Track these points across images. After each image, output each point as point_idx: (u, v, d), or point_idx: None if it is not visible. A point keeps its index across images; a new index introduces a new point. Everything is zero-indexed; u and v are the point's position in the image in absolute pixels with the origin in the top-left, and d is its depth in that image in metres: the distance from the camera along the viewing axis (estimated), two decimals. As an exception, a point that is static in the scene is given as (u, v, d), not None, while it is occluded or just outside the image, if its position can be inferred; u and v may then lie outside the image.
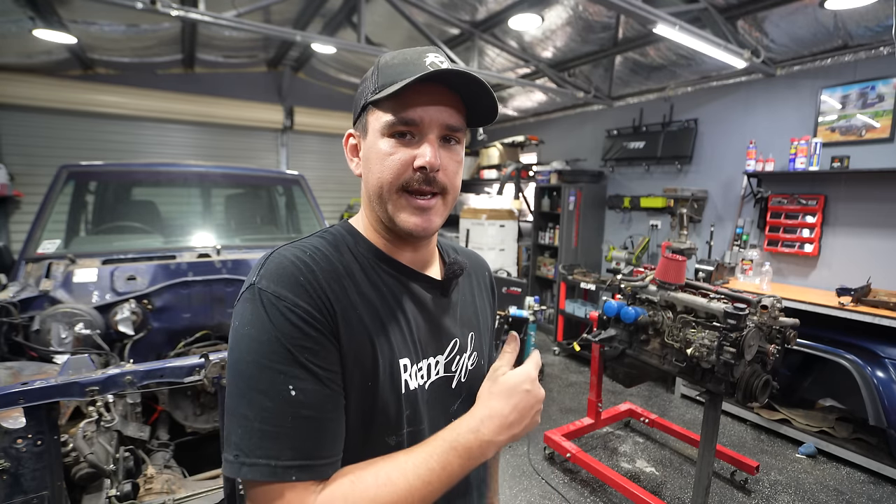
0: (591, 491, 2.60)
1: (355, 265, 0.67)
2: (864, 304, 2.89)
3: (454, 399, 0.74)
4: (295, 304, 0.57)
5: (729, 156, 4.13)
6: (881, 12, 2.90)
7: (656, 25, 2.96)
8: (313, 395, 0.56)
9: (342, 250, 0.67)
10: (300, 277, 0.59)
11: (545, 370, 4.29)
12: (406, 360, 0.66)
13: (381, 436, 0.63)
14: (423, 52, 0.65)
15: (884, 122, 3.21)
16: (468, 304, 0.80)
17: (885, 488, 2.69)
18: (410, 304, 0.69)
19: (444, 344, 0.73)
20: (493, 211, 5.58)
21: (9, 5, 3.33)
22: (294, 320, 0.56)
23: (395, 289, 0.69)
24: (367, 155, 0.66)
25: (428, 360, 0.70)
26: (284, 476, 0.52)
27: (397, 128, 0.62)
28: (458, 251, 0.85)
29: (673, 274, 2.25)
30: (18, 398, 1.11)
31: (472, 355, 0.77)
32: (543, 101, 5.85)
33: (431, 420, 0.70)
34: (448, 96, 0.64)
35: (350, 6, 4.19)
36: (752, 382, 1.91)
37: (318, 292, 0.59)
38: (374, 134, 0.64)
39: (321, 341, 0.58)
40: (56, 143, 5.16)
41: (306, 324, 0.57)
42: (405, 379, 0.65)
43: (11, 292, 1.89)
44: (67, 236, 2.59)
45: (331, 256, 0.65)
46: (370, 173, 0.65)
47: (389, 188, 0.63)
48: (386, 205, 0.65)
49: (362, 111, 0.67)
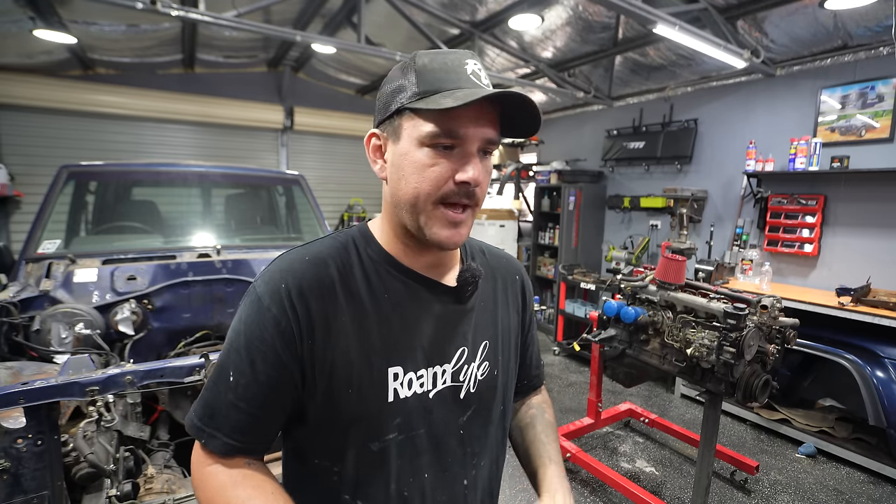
0: (591, 491, 2.60)
1: (359, 270, 0.68)
2: (863, 303, 2.89)
3: (463, 410, 0.73)
4: (267, 309, 0.62)
5: (729, 156, 4.13)
6: (881, 12, 2.90)
7: (656, 25, 2.96)
8: (245, 389, 0.62)
9: (350, 253, 0.69)
10: (282, 285, 0.63)
11: (545, 370, 4.28)
12: (398, 367, 0.66)
13: (363, 441, 0.65)
14: (462, 57, 0.64)
15: (883, 122, 3.21)
16: (486, 311, 0.78)
17: (885, 488, 2.69)
18: (416, 312, 0.69)
19: (452, 352, 0.71)
20: (493, 211, 5.58)
21: (9, 5, 3.33)
22: (260, 322, 0.63)
23: (400, 295, 0.68)
24: (400, 162, 0.64)
25: (433, 368, 0.69)
26: (199, 435, 0.64)
27: (441, 140, 0.61)
28: (486, 253, 0.84)
29: (673, 274, 2.25)
30: (19, 398, 1.11)
31: (483, 365, 0.75)
32: (543, 101, 5.85)
33: (434, 429, 0.69)
34: (490, 110, 0.63)
35: (350, 6, 4.19)
36: (752, 382, 1.92)
37: (294, 301, 0.63)
38: (411, 142, 0.62)
39: (275, 348, 0.62)
40: (56, 143, 5.16)
41: (268, 329, 0.62)
42: (394, 387, 0.66)
43: (12, 292, 1.89)
44: (67, 236, 2.59)
45: (330, 262, 0.66)
46: (403, 182, 0.63)
47: (426, 199, 0.63)
48: (419, 215, 0.64)
49: (395, 114, 0.64)
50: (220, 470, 0.64)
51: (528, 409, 0.92)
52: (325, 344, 0.63)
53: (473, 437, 0.74)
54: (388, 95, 0.65)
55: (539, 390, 0.97)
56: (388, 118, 0.65)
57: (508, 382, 0.81)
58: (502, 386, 0.79)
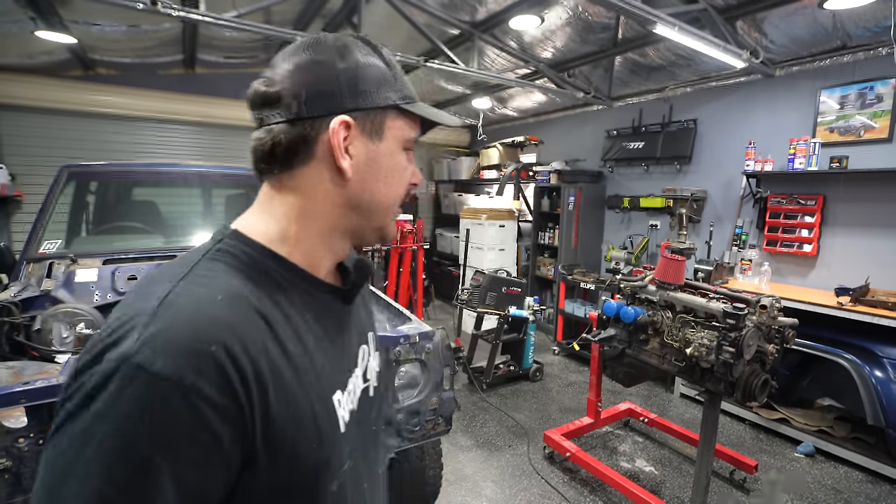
0: (591, 490, 2.61)
1: (280, 295, 0.53)
2: (862, 303, 2.90)
3: (374, 406, 0.70)
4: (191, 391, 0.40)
5: (728, 156, 4.14)
6: (880, 13, 2.91)
7: (656, 26, 2.97)
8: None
9: (259, 281, 0.52)
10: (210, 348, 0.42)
11: (545, 370, 4.29)
12: (338, 391, 0.58)
13: (325, 486, 0.54)
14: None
15: (882, 122, 3.22)
16: (361, 302, 0.74)
17: (883, 487, 2.70)
18: (330, 324, 0.61)
19: (357, 354, 0.67)
20: (493, 211, 5.59)
21: (10, 6, 3.34)
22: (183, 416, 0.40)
23: (316, 311, 0.58)
24: (383, 163, 0.59)
25: (352, 378, 0.64)
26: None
27: (411, 145, 0.63)
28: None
29: (672, 274, 2.26)
30: (20, 398, 1.11)
31: (376, 355, 0.74)
32: (543, 102, 5.85)
33: (362, 438, 0.64)
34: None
35: (350, 6, 4.20)
36: (751, 382, 1.92)
37: (240, 366, 0.44)
38: (395, 143, 0.60)
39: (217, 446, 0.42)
40: (57, 144, 5.16)
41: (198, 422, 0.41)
42: (341, 415, 0.57)
43: (13, 292, 1.90)
44: (68, 236, 2.60)
45: (249, 296, 0.49)
46: (383, 184, 0.60)
47: (399, 202, 0.64)
48: (389, 216, 0.63)
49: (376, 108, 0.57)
50: None
51: None
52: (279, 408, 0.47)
53: (380, 427, 0.73)
54: (371, 83, 0.56)
55: None
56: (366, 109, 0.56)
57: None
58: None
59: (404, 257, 5.38)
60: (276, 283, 0.54)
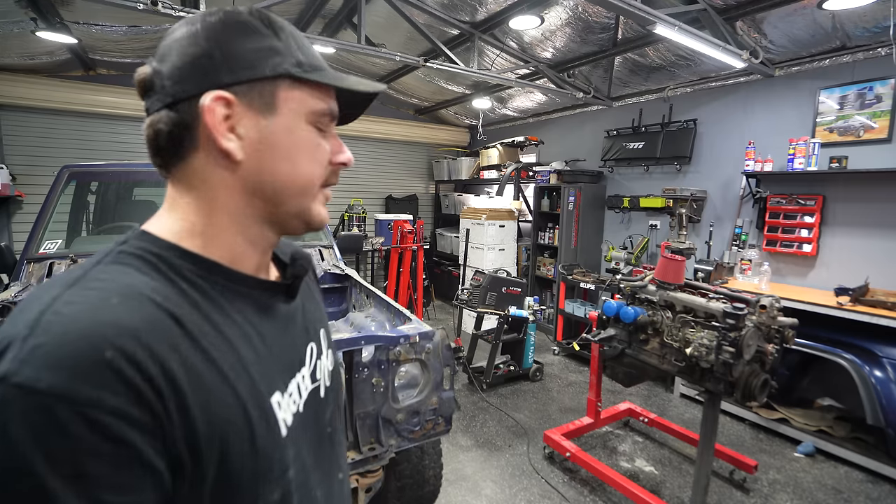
0: (591, 490, 2.61)
1: (189, 297, 0.48)
2: (862, 303, 2.90)
3: (326, 408, 0.66)
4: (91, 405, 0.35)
5: (728, 156, 4.14)
6: (879, 13, 2.91)
7: (655, 26, 2.97)
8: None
9: (169, 278, 0.47)
10: (105, 354, 0.37)
11: (545, 369, 4.30)
12: (277, 393, 0.53)
13: (265, 496, 0.49)
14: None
15: (882, 122, 3.22)
16: (310, 298, 0.71)
17: (883, 487, 2.70)
18: (264, 323, 0.56)
19: (304, 353, 0.63)
20: (493, 211, 5.59)
21: (10, 6, 3.34)
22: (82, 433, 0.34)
23: (242, 310, 0.53)
24: (282, 141, 0.52)
25: (295, 378, 0.58)
26: None
27: (324, 119, 0.55)
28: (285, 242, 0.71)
29: (672, 274, 2.26)
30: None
31: (327, 353, 0.70)
32: (543, 102, 5.86)
33: (312, 442, 0.60)
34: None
35: (350, 7, 4.20)
36: (751, 382, 1.93)
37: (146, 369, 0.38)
38: (295, 117, 0.53)
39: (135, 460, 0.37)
40: (57, 144, 5.17)
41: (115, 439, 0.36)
42: (283, 417, 0.52)
43: (13, 292, 1.90)
44: (69, 236, 2.61)
45: (152, 294, 0.44)
46: (289, 164, 0.53)
47: (316, 183, 0.56)
48: (308, 201, 0.56)
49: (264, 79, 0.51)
50: None
51: None
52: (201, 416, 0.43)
53: (336, 429, 0.69)
54: (254, 53, 0.50)
55: None
56: (250, 81, 0.50)
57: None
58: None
59: (404, 257, 5.38)
60: (189, 282, 0.49)
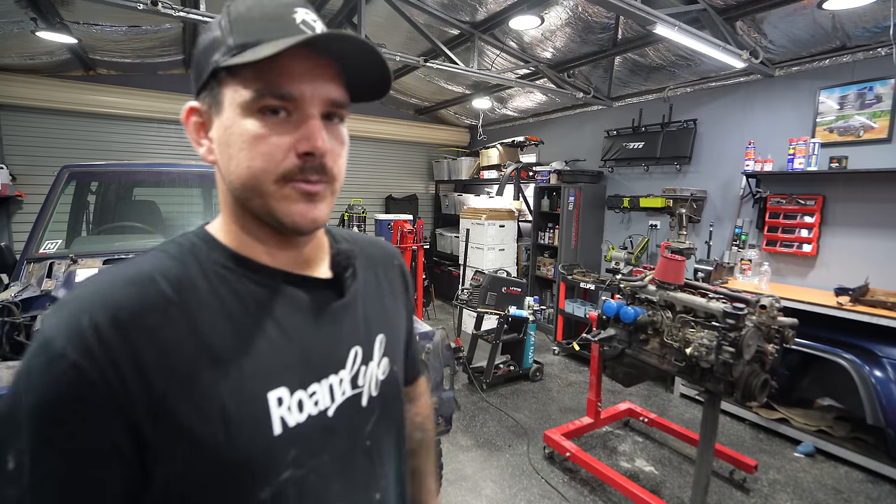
0: (591, 490, 2.61)
1: (203, 282, 0.51)
2: (862, 303, 2.90)
3: (367, 419, 0.61)
4: (61, 357, 0.42)
5: (728, 156, 4.14)
6: (879, 13, 2.91)
7: (655, 26, 2.97)
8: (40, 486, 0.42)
9: (187, 264, 0.52)
10: (83, 320, 0.44)
11: (545, 369, 4.30)
12: (282, 389, 0.52)
13: (252, 491, 0.49)
14: (288, 4, 0.52)
15: (882, 122, 3.22)
16: (373, 301, 0.67)
17: (883, 487, 2.70)
18: (291, 317, 0.55)
19: (344, 356, 0.59)
20: (493, 211, 5.59)
21: (10, 6, 3.34)
22: (55, 380, 0.42)
23: (266, 302, 0.54)
24: (227, 138, 0.52)
25: (327, 379, 0.57)
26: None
27: (268, 102, 0.49)
28: (356, 240, 0.72)
29: (672, 274, 2.26)
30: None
31: (383, 362, 0.64)
32: (543, 102, 5.86)
33: (340, 451, 0.57)
34: (329, 65, 0.52)
35: (350, 6, 4.20)
36: (751, 382, 1.92)
37: (106, 340, 0.44)
38: (234, 111, 0.51)
39: (86, 416, 0.42)
40: (57, 144, 5.17)
41: (69, 388, 0.42)
42: (280, 415, 0.51)
43: (13, 292, 1.90)
44: (69, 236, 2.61)
45: (158, 279, 0.49)
46: (234, 161, 0.51)
47: (266, 178, 0.51)
48: (263, 198, 0.52)
49: (211, 77, 0.52)
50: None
51: (414, 429, 0.86)
52: (169, 391, 0.45)
53: (381, 444, 0.64)
54: (201, 54, 0.53)
55: (418, 388, 0.90)
56: (205, 84, 0.53)
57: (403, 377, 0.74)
58: (402, 382, 0.70)
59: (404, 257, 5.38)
60: (211, 269, 0.53)
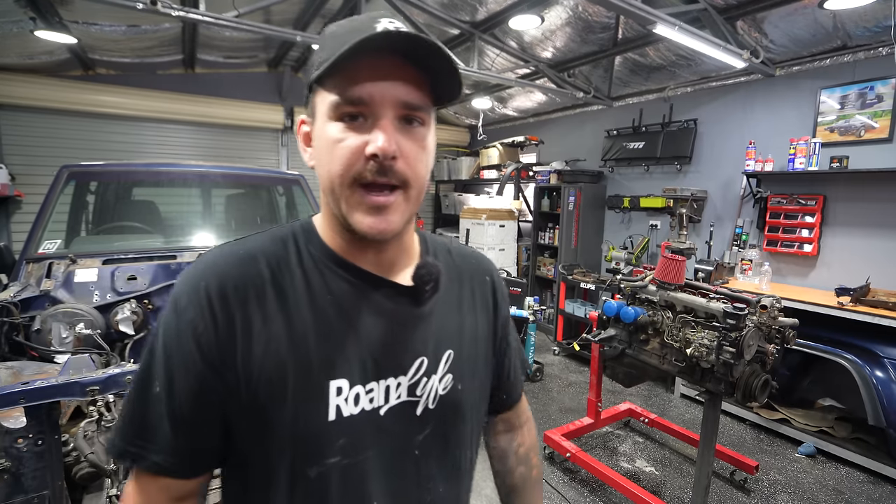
0: (591, 490, 2.61)
1: (297, 268, 0.59)
2: (863, 303, 2.89)
3: (419, 429, 0.63)
4: (183, 311, 0.55)
5: (728, 156, 4.14)
6: (880, 13, 2.90)
7: (656, 26, 2.96)
8: (169, 402, 0.55)
9: (288, 249, 0.60)
10: (201, 284, 0.56)
11: (545, 370, 4.29)
12: (343, 380, 0.57)
13: (300, 465, 0.56)
14: (374, 16, 0.54)
15: (882, 122, 3.22)
16: (451, 316, 0.68)
17: (885, 488, 2.70)
18: (367, 316, 0.60)
19: (408, 363, 0.62)
20: (493, 211, 5.59)
21: (10, 6, 3.33)
22: (177, 326, 0.55)
23: (347, 297, 0.59)
24: (317, 144, 0.57)
25: (386, 381, 0.60)
26: (123, 456, 0.57)
27: (344, 108, 0.53)
28: (452, 252, 0.74)
29: (672, 274, 2.26)
30: (19, 398, 1.11)
31: (446, 378, 0.65)
32: (543, 102, 5.85)
33: (386, 450, 0.60)
34: (405, 69, 0.54)
35: (350, 6, 4.20)
36: (752, 382, 1.92)
37: (213, 303, 0.55)
38: (322, 118, 0.55)
39: (193, 356, 0.54)
40: (57, 144, 5.16)
41: (185, 334, 0.55)
42: (336, 404, 0.56)
43: (12, 292, 1.89)
44: (68, 236, 2.60)
45: (261, 259, 0.58)
46: (320, 165, 0.57)
47: (341, 182, 0.54)
48: (339, 202, 0.56)
49: (310, 92, 0.58)
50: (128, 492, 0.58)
51: (518, 463, 0.86)
52: (252, 353, 0.55)
53: (431, 457, 0.64)
54: (306, 74, 0.58)
55: (520, 417, 0.88)
56: (307, 99, 0.60)
57: (478, 399, 0.72)
58: (469, 403, 0.68)
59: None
60: (306, 256, 0.60)
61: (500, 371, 0.79)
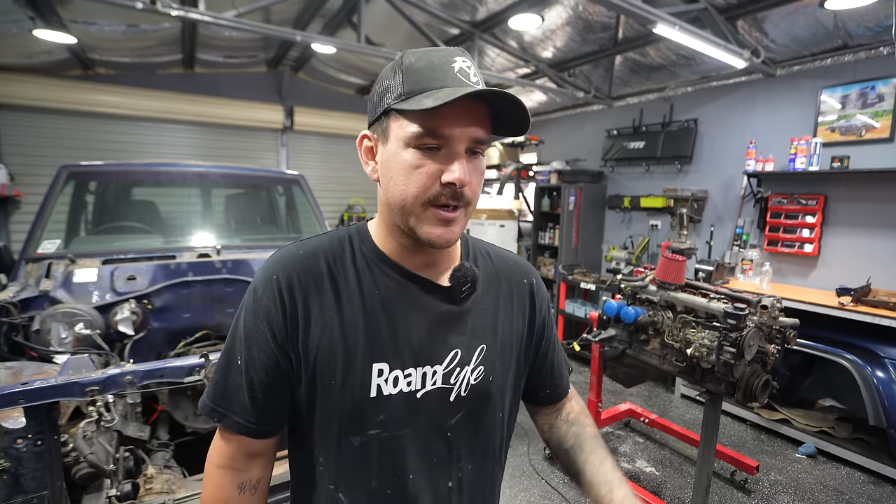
0: (591, 491, 2.60)
1: (350, 266, 0.70)
2: (863, 303, 2.89)
3: (452, 413, 0.72)
4: (260, 299, 0.67)
5: (729, 156, 4.13)
6: (881, 12, 2.90)
7: (656, 25, 2.96)
8: (247, 373, 0.67)
9: (344, 249, 0.71)
10: (273, 276, 0.67)
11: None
12: (384, 364, 0.67)
13: (346, 433, 0.67)
14: (449, 55, 0.63)
15: (883, 122, 3.21)
16: (486, 315, 0.76)
17: (885, 488, 2.69)
18: (407, 310, 0.69)
19: (443, 354, 0.70)
20: (493, 211, 5.58)
21: (9, 5, 3.33)
22: (255, 311, 0.67)
23: (391, 293, 0.69)
24: (389, 163, 0.64)
25: (423, 368, 0.69)
26: (211, 414, 0.70)
27: (426, 140, 0.60)
28: (492, 256, 0.82)
29: (673, 274, 2.25)
30: (18, 398, 1.11)
31: (478, 370, 0.73)
32: (543, 101, 5.85)
33: (421, 429, 0.69)
34: (478, 108, 0.62)
35: (350, 6, 4.19)
36: (752, 382, 1.92)
37: (282, 292, 0.66)
38: (398, 143, 0.63)
39: (266, 336, 0.66)
40: (56, 143, 5.16)
41: (260, 318, 0.67)
42: (378, 383, 0.67)
43: (11, 292, 1.89)
44: (67, 236, 2.59)
45: (321, 256, 0.70)
46: (392, 183, 0.64)
47: (415, 201, 0.62)
48: (409, 217, 0.64)
49: (383, 115, 0.64)
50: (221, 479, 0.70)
51: (569, 426, 0.89)
52: (310, 335, 0.66)
53: (462, 440, 0.73)
54: (378, 96, 0.66)
55: (567, 400, 0.93)
56: (377, 119, 0.66)
57: (507, 390, 0.79)
58: (499, 393, 0.76)
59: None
60: (360, 256, 0.71)
61: (544, 367, 0.87)
